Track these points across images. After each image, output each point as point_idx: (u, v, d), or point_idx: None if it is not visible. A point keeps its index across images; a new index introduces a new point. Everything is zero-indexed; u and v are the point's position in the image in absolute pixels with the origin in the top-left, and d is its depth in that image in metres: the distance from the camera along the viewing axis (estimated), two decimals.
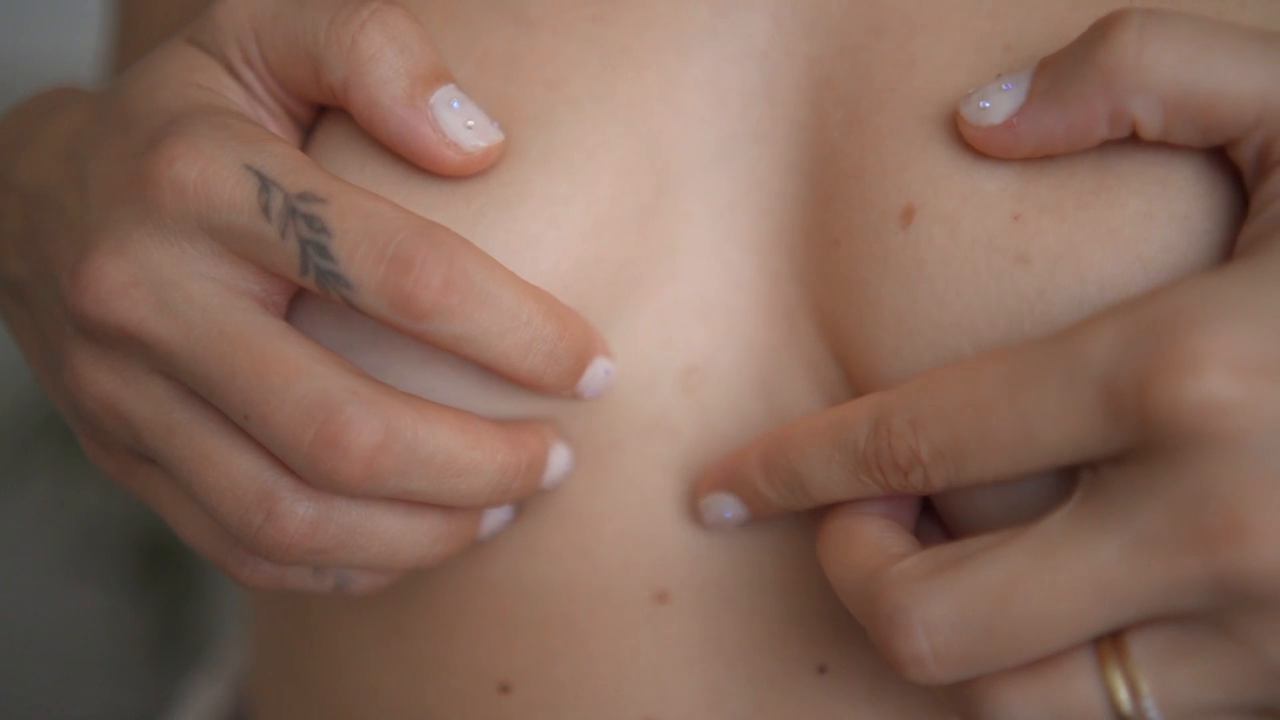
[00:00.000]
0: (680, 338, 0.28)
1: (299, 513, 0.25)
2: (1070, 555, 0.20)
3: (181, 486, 0.26)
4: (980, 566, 0.21)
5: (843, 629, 0.28)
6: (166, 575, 1.11)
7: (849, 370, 0.27)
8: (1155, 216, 0.23)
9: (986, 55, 0.25)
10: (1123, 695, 0.20)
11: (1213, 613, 0.19)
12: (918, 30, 0.26)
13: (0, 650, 1.12)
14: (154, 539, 1.10)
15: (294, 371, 0.24)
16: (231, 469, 0.25)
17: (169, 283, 0.25)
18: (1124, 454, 0.20)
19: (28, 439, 1.03)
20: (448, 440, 0.25)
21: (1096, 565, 0.20)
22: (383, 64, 0.25)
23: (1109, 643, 0.21)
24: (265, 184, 0.24)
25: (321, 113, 0.29)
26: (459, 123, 0.26)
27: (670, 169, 0.28)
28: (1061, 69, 0.23)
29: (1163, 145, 0.23)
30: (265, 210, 0.24)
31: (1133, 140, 0.23)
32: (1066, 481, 0.22)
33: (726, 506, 0.27)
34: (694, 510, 0.28)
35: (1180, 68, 0.21)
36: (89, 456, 0.30)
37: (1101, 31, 0.22)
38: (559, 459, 0.28)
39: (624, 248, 0.28)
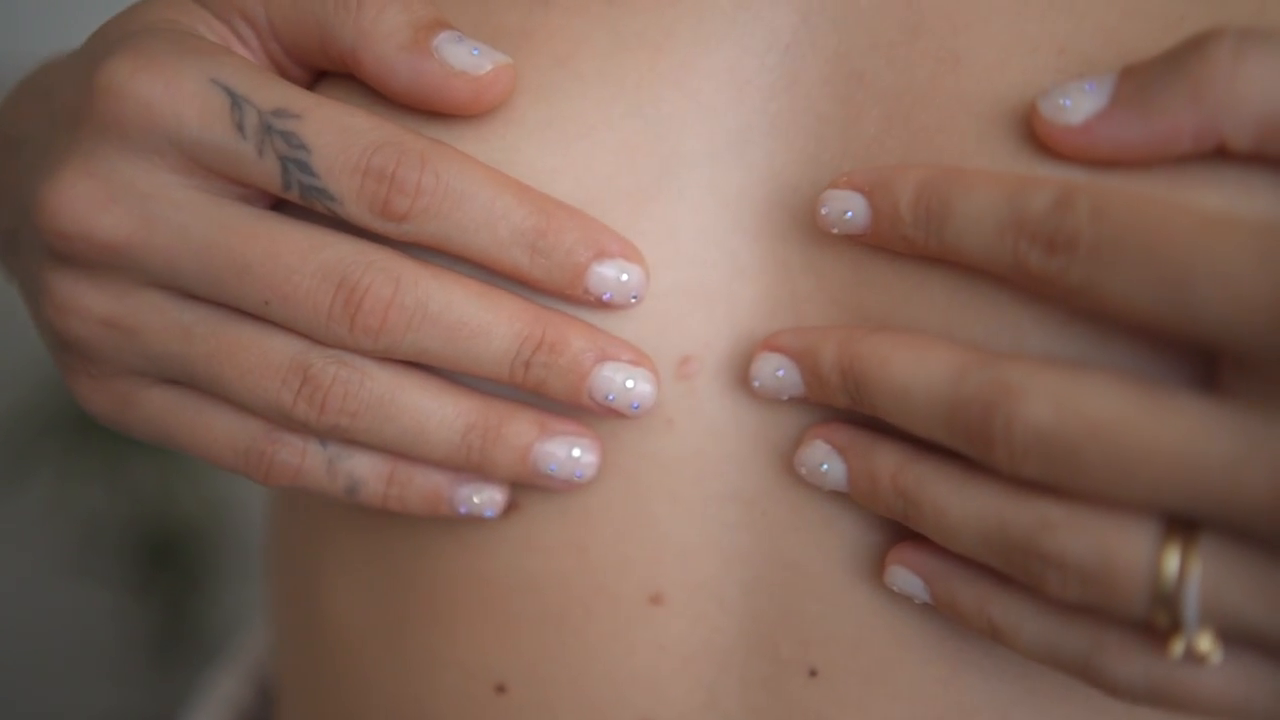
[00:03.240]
0: (677, 325, 0.28)
1: (332, 372, 0.26)
2: (1188, 428, 0.20)
3: (206, 382, 0.27)
4: (1095, 386, 0.21)
5: (834, 632, 0.28)
6: (170, 573, 1.11)
7: None
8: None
9: (1040, 57, 0.25)
10: (1170, 570, 0.20)
11: None
12: (960, 29, 0.26)
13: (3, 648, 1.12)
14: (158, 537, 1.10)
15: (307, 248, 0.25)
16: (262, 346, 0.26)
17: (148, 195, 0.26)
18: (1269, 364, 0.20)
19: (32, 437, 1.03)
20: (461, 298, 0.26)
21: (1211, 450, 0.19)
22: (386, 20, 0.26)
23: (1182, 524, 0.20)
24: (235, 100, 0.25)
25: (318, 79, 0.29)
26: (464, 52, 0.26)
27: (678, 154, 0.28)
28: (1149, 78, 0.22)
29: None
30: (240, 127, 0.25)
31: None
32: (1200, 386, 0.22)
33: (853, 205, 0.25)
34: (816, 201, 0.26)
35: (1275, 85, 0.21)
36: (78, 397, 0.29)
37: (1195, 45, 0.22)
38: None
39: (617, 227, 0.27)
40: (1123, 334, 0.23)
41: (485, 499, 0.28)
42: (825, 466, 0.26)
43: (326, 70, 0.29)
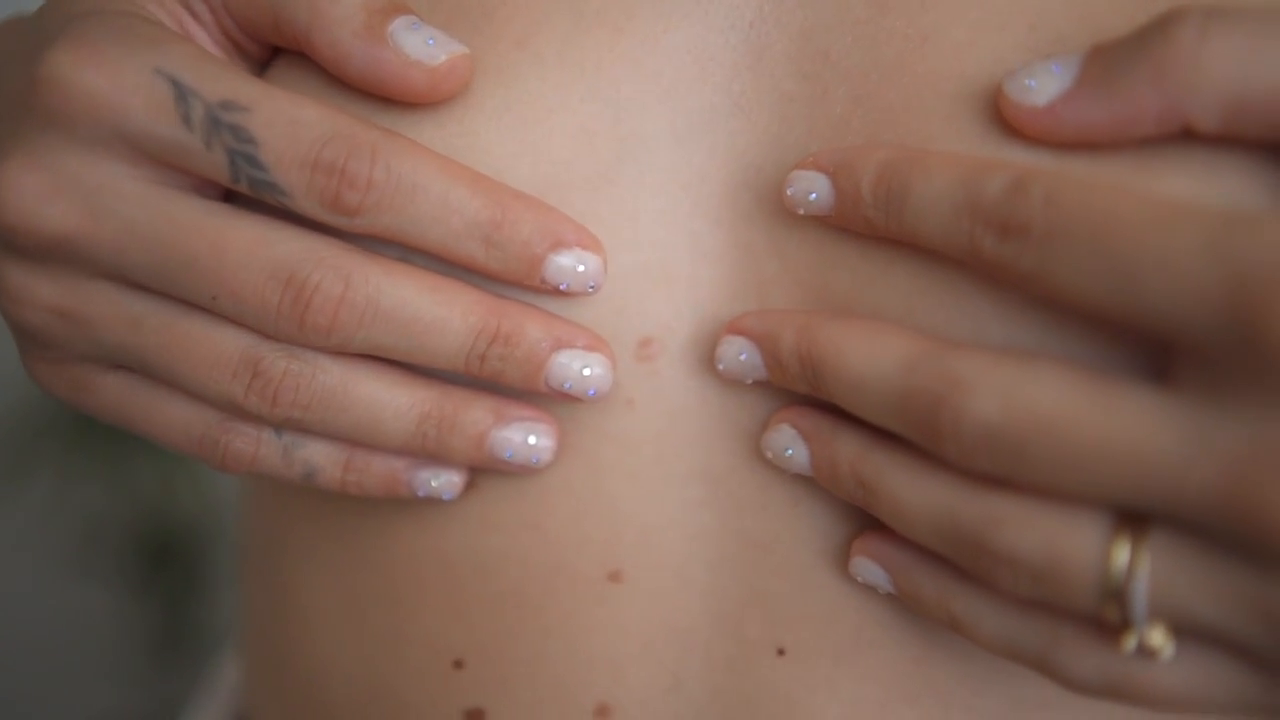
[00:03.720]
0: (637, 306, 0.28)
1: (282, 366, 0.26)
2: (1135, 421, 0.19)
3: (159, 372, 0.27)
4: (1042, 380, 0.20)
5: (803, 611, 0.27)
6: (169, 573, 1.11)
7: None
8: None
9: (1009, 34, 0.25)
10: (1119, 565, 0.20)
11: (1246, 545, 0.19)
12: (929, 6, 0.26)
13: (2, 649, 1.12)
14: (158, 537, 1.10)
15: (254, 243, 0.25)
16: (213, 340, 0.26)
17: (94, 188, 0.25)
18: (1219, 355, 0.19)
19: (31, 438, 1.03)
20: (412, 294, 0.26)
21: (1157, 444, 0.19)
22: (341, 3, 0.26)
23: (1133, 518, 0.20)
24: (181, 91, 0.25)
25: (276, 53, 0.29)
26: (419, 41, 0.26)
27: (637, 136, 0.27)
28: (1114, 59, 0.22)
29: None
30: (186, 120, 0.25)
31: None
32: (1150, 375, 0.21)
33: (817, 187, 0.25)
34: (782, 182, 0.26)
35: (1241, 65, 0.20)
36: (35, 379, 0.30)
37: (1160, 26, 0.21)
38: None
39: (574, 210, 0.27)
40: (1078, 323, 0.22)
41: (443, 482, 0.28)
42: (790, 451, 0.26)
43: (282, 48, 0.28)
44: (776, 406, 0.27)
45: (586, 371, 0.27)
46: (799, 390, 0.26)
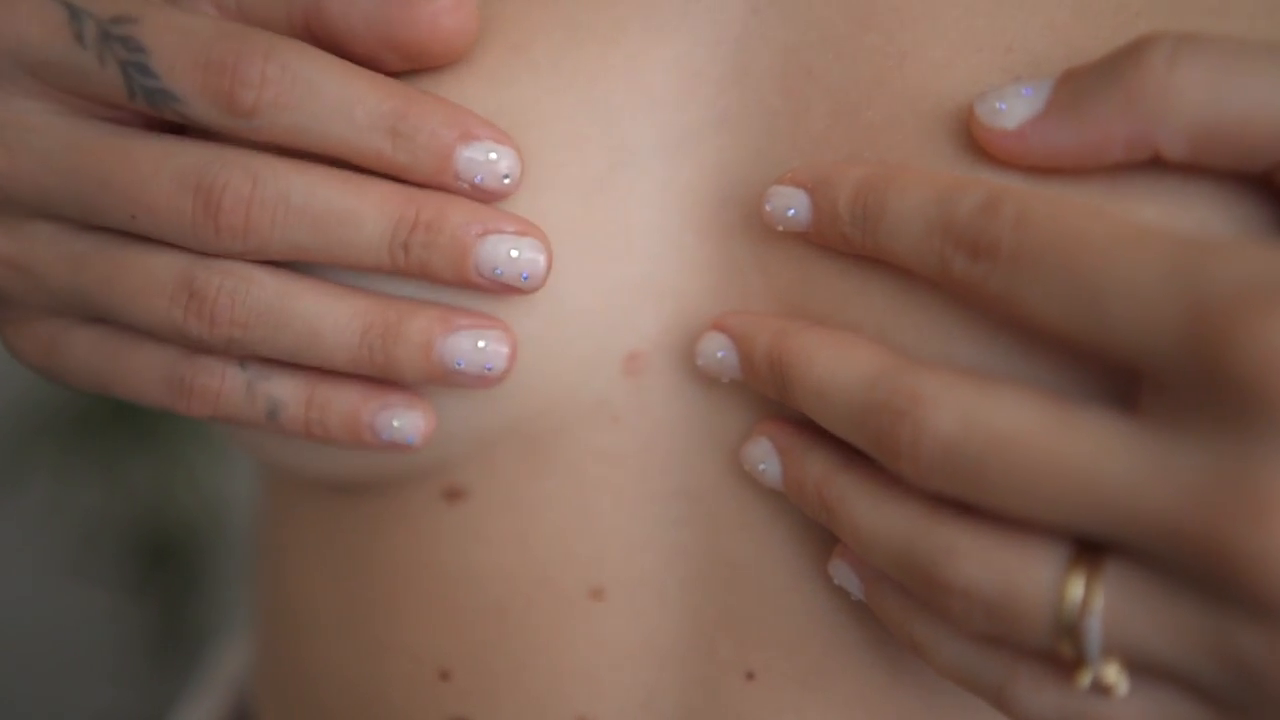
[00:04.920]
0: (626, 320, 0.28)
1: (216, 283, 0.26)
2: (1092, 446, 0.19)
3: (106, 310, 0.27)
4: (1003, 401, 0.20)
5: (772, 634, 0.27)
6: (167, 574, 1.11)
7: None
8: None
9: (986, 55, 0.25)
10: (1073, 600, 0.20)
11: (1202, 580, 0.19)
12: (908, 24, 0.25)
13: (2, 648, 1.12)
14: (156, 537, 1.10)
15: (161, 154, 0.25)
16: (146, 266, 0.26)
17: (5, 123, 0.26)
18: (1180, 383, 0.19)
19: (29, 438, 1.03)
20: (323, 186, 0.25)
21: (1113, 470, 0.19)
22: None
23: (1089, 548, 0.20)
24: (74, 12, 0.25)
25: None
26: None
27: (628, 147, 0.27)
28: (1085, 84, 0.22)
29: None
30: (79, 38, 0.25)
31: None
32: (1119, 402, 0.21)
33: (795, 203, 0.25)
34: (762, 197, 0.26)
35: (1209, 93, 0.20)
36: (7, 346, 0.30)
37: (1130, 52, 0.21)
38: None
39: (566, 218, 0.27)
40: (1049, 346, 0.22)
41: (406, 423, 0.27)
42: (763, 466, 0.26)
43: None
44: (759, 421, 0.27)
45: (514, 253, 0.26)
46: (769, 395, 0.26)
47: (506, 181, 0.26)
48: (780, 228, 0.25)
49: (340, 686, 0.32)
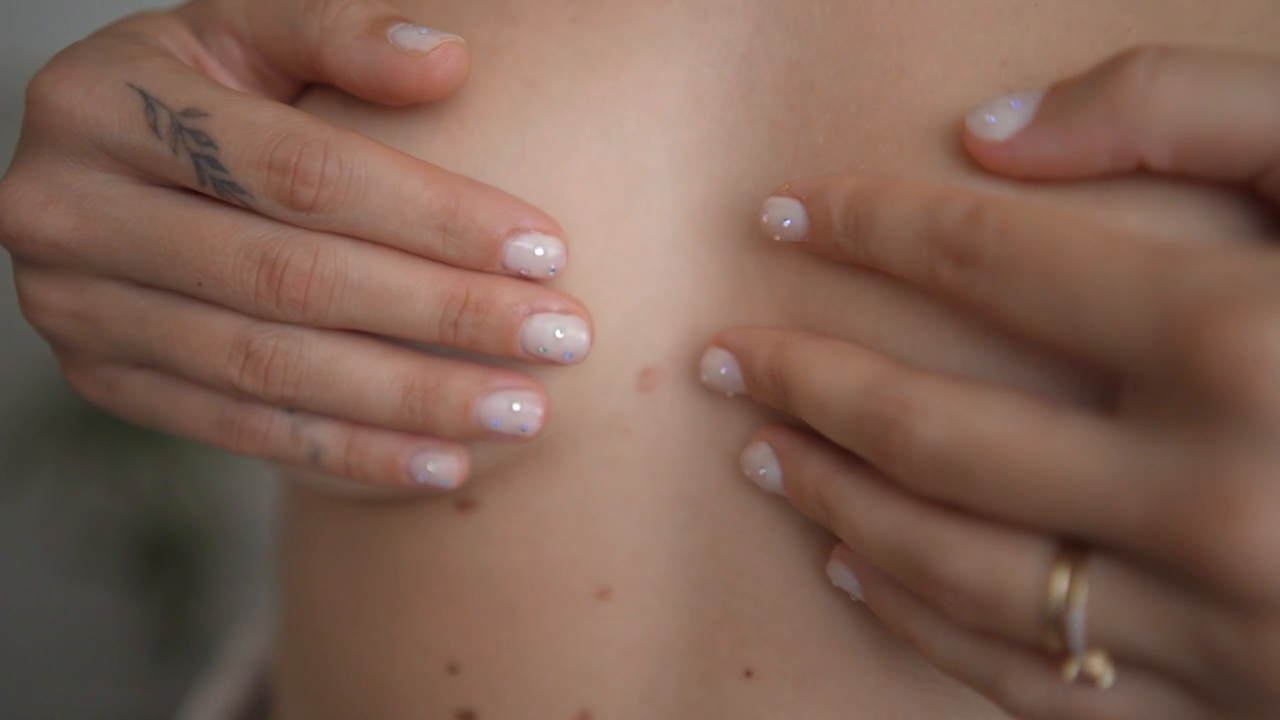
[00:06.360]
0: (642, 339, 0.29)
1: (272, 345, 0.27)
2: (1071, 449, 0.20)
3: (165, 362, 0.28)
4: (989, 406, 0.21)
5: (771, 634, 0.28)
6: (169, 573, 1.11)
7: None
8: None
9: (982, 70, 0.25)
10: (1058, 593, 0.20)
11: (1180, 576, 0.19)
12: (906, 40, 0.26)
13: (3, 649, 1.12)
14: (157, 537, 1.10)
15: (228, 229, 0.26)
16: (208, 326, 0.27)
17: (84, 195, 0.27)
18: (1156, 387, 0.19)
19: (32, 438, 1.03)
20: (379, 266, 0.27)
21: (1090, 472, 0.19)
22: (348, 15, 0.27)
23: (1074, 545, 0.20)
24: (150, 102, 0.26)
25: (304, 91, 0.31)
26: (414, 34, 0.27)
27: (644, 170, 0.28)
28: (1071, 96, 0.22)
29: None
30: (154, 128, 0.26)
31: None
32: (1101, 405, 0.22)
33: (792, 213, 0.26)
34: (760, 210, 0.27)
35: (1189, 103, 0.21)
36: (72, 386, 0.31)
37: (1114, 64, 0.22)
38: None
39: (592, 250, 0.28)
40: (1037, 351, 0.23)
41: (441, 468, 0.29)
42: (764, 470, 0.27)
43: (308, 81, 0.29)
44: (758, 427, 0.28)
45: (559, 334, 0.27)
46: (772, 405, 0.26)
47: (552, 270, 0.27)
48: (777, 238, 0.26)
49: (354, 677, 0.33)
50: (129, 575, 1.10)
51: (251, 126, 0.26)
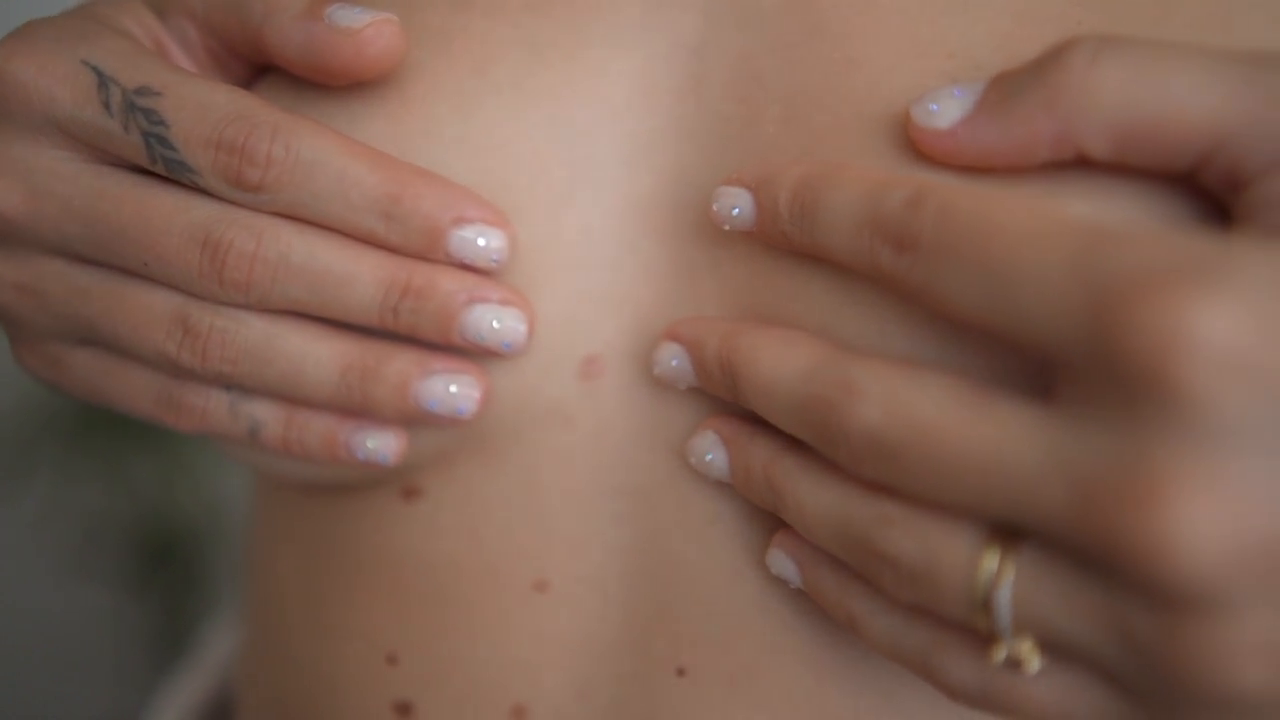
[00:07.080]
0: (584, 326, 0.29)
1: (209, 321, 0.27)
2: (999, 434, 0.19)
3: (108, 338, 0.29)
4: (925, 389, 0.21)
5: (705, 632, 0.28)
6: (168, 573, 1.11)
7: None
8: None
9: (929, 61, 0.25)
10: (986, 574, 0.20)
11: (1101, 564, 0.19)
12: (855, 32, 0.26)
13: (2, 649, 1.12)
14: (157, 537, 1.10)
15: (173, 209, 0.27)
16: (148, 303, 0.28)
17: (34, 170, 0.27)
18: (1085, 372, 0.19)
19: (31, 437, 1.04)
20: (323, 250, 0.27)
21: (1016, 457, 0.19)
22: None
23: (1008, 530, 0.20)
24: (103, 79, 0.26)
25: (260, 75, 0.31)
26: (350, 13, 0.27)
27: (590, 160, 0.28)
28: (1012, 85, 0.22)
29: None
30: (106, 106, 0.26)
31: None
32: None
33: (740, 202, 0.26)
34: (710, 205, 0.27)
35: (1127, 92, 0.21)
36: (21, 363, 0.32)
37: (1055, 53, 0.22)
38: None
39: (534, 236, 0.28)
40: (976, 337, 0.23)
41: (380, 443, 0.29)
42: (710, 456, 0.27)
43: (261, 64, 0.30)
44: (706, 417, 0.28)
45: (496, 324, 0.27)
46: (723, 396, 0.26)
47: (495, 261, 0.27)
48: (726, 227, 0.26)
49: (299, 669, 0.33)
50: (128, 575, 1.11)
51: (203, 107, 0.26)
